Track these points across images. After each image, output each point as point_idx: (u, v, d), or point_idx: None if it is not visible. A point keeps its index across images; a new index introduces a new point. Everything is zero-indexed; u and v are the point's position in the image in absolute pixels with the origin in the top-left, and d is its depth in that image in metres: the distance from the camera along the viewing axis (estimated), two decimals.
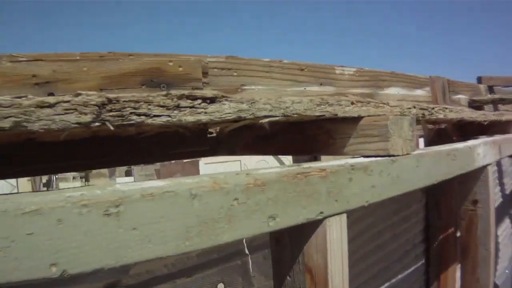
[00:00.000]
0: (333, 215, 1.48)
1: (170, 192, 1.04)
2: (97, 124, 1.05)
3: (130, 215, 0.97)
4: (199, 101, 1.24)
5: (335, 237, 1.51)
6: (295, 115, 1.48)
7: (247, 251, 2.66)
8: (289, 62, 2.35)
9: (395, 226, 3.99)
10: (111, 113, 1.07)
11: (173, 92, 1.22)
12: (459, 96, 4.36)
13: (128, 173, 29.41)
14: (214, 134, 2.31)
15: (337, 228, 1.51)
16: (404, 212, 4.10)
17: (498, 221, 6.53)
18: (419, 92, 3.65)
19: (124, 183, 1.06)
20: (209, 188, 1.13)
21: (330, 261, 1.50)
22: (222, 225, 1.15)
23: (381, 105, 1.88)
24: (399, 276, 4.13)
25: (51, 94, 1.50)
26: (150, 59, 1.75)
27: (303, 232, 1.51)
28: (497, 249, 6.42)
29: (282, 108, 1.44)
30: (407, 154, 1.84)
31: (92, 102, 1.04)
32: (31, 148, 1.63)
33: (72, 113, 1.01)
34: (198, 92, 1.27)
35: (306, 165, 1.42)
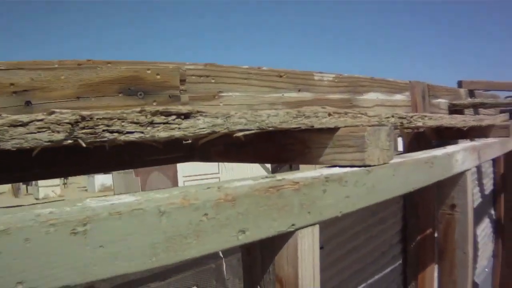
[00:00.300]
0: (305, 226, 1.47)
1: (138, 210, 1.03)
2: (69, 141, 1.05)
3: (97, 233, 0.97)
4: (174, 117, 1.23)
5: (307, 248, 1.50)
6: (270, 128, 1.48)
7: (221, 254, 2.65)
8: (268, 69, 2.34)
9: (371, 228, 4.02)
10: (83, 130, 1.06)
11: (148, 108, 1.20)
12: (439, 100, 4.37)
13: None
14: (189, 141, 2.30)
15: (309, 239, 1.50)
16: (381, 213, 4.12)
17: (478, 220, 6.59)
18: (398, 97, 3.65)
19: (95, 198, 1.05)
20: (178, 205, 1.11)
21: (301, 272, 1.49)
22: (190, 241, 1.14)
23: (359, 115, 1.88)
24: (376, 277, 4.15)
25: (28, 102, 1.48)
26: (128, 67, 1.72)
27: (274, 243, 1.50)
28: (476, 249, 6.48)
29: (257, 122, 1.44)
30: (384, 163, 1.84)
31: (66, 120, 1.03)
32: (11, 155, 1.62)
33: (44, 131, 1.00)
34: (173, 108, 1.25)
35: (280, 176, 1.41)
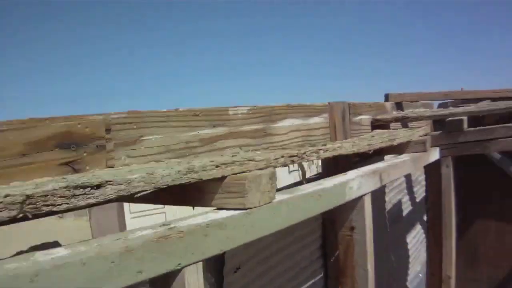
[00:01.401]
0: (189, 264, 1.86)
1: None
2: (21, 215, 1.39)
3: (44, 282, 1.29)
4: (89, 188, 1.61)
5: (192, 282, 1.92)
6: (164, 186, 1.91)
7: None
8: (185, 109, 2.74)
9: (290, 245, 4.34)
10: (29, 206, 1.48)
11: (70, 184, 1.52)
12: (360, 117, 4.90)
13: None
14: None
15: (194, 274, 1.94)
16: (299, 231, 4.43)
17: (409, 227, 7.35)
18: (315, 119, 4.15)
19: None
20: (94, 254, 1.50)
21: None
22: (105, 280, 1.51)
23: (246, 162, 2.28)
24: None
25: None
26: (62, 123, 2.07)
27: (168, 280, 1.91)
28: (407, 256, 7.23)
29: (153, 183, 1.84)
30: (265, 204, 2.22)
31: (17, 201, 1.45)
32: None
33: (3, 211, 1.42)
34: (87, 182, 1.61)
35: (171, 225, 1.86)
